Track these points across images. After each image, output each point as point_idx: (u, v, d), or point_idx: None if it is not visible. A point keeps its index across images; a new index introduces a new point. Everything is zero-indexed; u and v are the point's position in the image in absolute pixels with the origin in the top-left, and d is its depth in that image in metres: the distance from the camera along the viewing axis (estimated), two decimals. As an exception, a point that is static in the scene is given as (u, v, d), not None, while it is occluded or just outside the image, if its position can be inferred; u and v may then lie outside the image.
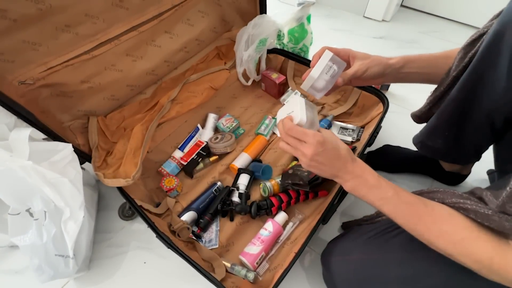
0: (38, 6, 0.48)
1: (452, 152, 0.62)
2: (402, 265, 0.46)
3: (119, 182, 0.59)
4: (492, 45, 0.42)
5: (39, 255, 0.54)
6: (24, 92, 0.53)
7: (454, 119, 0.53)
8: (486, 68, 0.44)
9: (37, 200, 0.53)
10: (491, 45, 0.42)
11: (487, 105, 0.47)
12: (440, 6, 1.41)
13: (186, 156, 0.78)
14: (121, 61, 0.66)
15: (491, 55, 0.43)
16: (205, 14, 0.81)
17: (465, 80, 0.48)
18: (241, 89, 0.97)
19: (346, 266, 0.52)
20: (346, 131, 0.84)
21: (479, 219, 0.36)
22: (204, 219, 0.67)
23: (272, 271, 0.62)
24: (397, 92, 1.05)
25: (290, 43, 0.99)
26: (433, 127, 0.60)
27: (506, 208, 0.34)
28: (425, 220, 0.40)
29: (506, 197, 0.34)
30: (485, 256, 0.35)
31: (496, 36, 0.41)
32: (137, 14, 0.64)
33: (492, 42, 0.42)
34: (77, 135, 0.65)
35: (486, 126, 0.50)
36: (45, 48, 0.52)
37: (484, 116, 0.48)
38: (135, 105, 0.75)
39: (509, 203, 0.34)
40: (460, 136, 0.55)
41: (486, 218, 0.36)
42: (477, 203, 0.38)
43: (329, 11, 1.49)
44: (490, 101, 0.46)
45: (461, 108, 0.51)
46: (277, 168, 0.78)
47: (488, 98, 0.46)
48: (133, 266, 0.67)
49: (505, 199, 0.34)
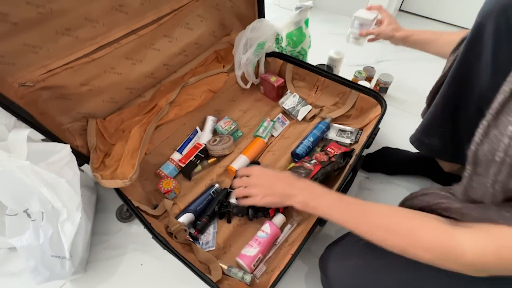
0: (39, 10, 0.49)
1: (449, 149, 0.61)
2: (400, 271, 0.45)
3: (116, 183, 0.59)
4: (475, 37, 0.43)
5: (36, 256, 0.54)
6: (24, 94, 0.53)
7: (447, 114, 0.54)
8: (472, 60, 0.45)
9: (34, 201, 0.53)
10: (474, 37, 0.43)
11: (477, 96, 0.47)
12: (438, 10, 1.42)
13: (184, 158, 0.79)
14: (121, 64, 0.67)
15: (475, 47, 0.44)
16: (204, 19, 0.83)
17: (453, 74, 0.48)
18: (240, 92, 0.97)
19: (344, 271, 0.51)
20: (344, 133, 0.84)
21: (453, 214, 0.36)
22: (202, 221, 0.67)
23: (269, 273, 0.61)
24: (395, 94, 1.05)
25: (289, 46, 1.00)
26: (428, 124, 0.60)
27: (469, 195, 0.35)
28: (372, 218, 0.41)
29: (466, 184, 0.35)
30: (434, 242, 0.35)
31: (478, 28, 0.42)
32: (137, 18, 0.66)
33: (475, 34, 0.43)
34: (76, 137, 0.65)
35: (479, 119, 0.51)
36: (45, 51, 0.53)
37: (476, 108, 0.49)
38: (134, 107, 0.76)
39: (470, 189, 0.34)
40: (455, 131, 0.56)
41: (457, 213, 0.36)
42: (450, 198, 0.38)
43: (328, 16, 1.51)
44: (479, 92, 0.46)
45: (453, 103, 0.51)
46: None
47: (477, 90, 0.46)
48: (130, 268, 0.67)
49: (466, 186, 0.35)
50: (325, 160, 0.73)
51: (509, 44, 0.40)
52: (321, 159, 0.73)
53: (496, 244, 0.32)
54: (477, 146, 0.32)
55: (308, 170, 0.68)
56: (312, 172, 0.67)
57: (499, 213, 0.31)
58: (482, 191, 0.33)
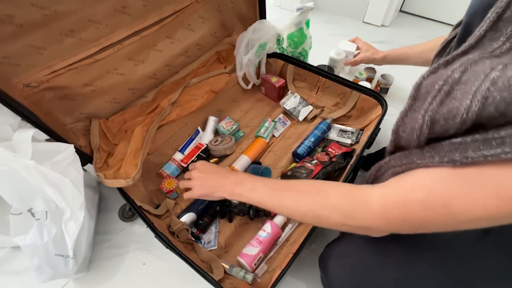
0: (44, 12, 0.50)
1: None
2: (399, 268, 0.46)
3: (119, 183, 0.60)
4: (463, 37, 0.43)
5: (40, 255, 0.55)
6: (29, 95, 0.54)
7: None
8: None
9: (39, 200, 0.54)
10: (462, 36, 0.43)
11: None
12: (438, 11, 1.43)
13: (186, 158, 0.79)
14: (123, 65, 0.68)
15: None
16: (206, 20, 0.83)
17: None
18: (241, 93, 0.98)
19: (343, 269, 0.51)
20: (345, 133, 0.84)
21: (384, 177, 0.37)
22: (203, 221, 0.67)
23: (271, 272, 0.61)
24: (396, 95, 1.05)
25: (290, 47, 1.00)
26: None
27: (399, 134, 0.35)
28: (286, 191, 0.42)
29: (399, 120, 0.35)
30: (341, 197, 0.35)
31: (465, 28, 0.42)
32: (139, 20, 0.66)
33: (463, 34, 0.43)
34: (79, 136, 0.66)
35: None
36: (50, 52, 0.54)
37: None
38: (136, 108, 0.77)
39: (401, 126, 0.34)
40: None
41: (386, 168, 0.36)
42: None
43: (329, 17, 1.51)
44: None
45: None
46: (276, 170, 0.79)
47: None
48: (132, 268, 0.67)
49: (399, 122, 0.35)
50: (326, 160, 0.73)
51: None
52: (322, 159, 0.74)
53: (404, 188, 0.31)
54: (423, 79, 0.32)
55: (309, 170, 0.69)
56: (313, 172, 0.68)
57: (420, 155, 0.31)
58: (411, 126, 0.32)
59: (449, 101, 0.27)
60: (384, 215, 0.32)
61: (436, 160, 0.28)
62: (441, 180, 0.28)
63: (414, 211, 0.29)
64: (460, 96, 0.26)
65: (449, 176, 0.27)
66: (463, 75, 0.27)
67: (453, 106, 0.27)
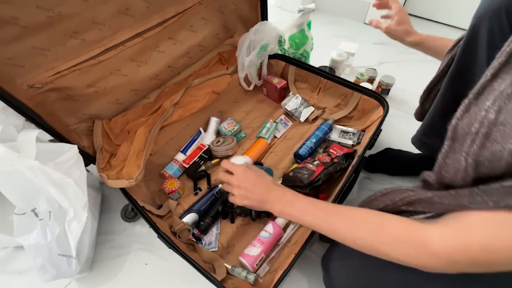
0: (48, 14, 0.50)
1: None
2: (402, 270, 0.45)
3: (122, 183, 0.60)
4: (471, 39, 0.44)
5: (43, 255, 0.55)
6: (33, 96, 0.54)
7: (446, 115, 0.54)
8: (468, 61, 0.46)
9: (42, 200, 0.54)
10: (470, 39, 0.44)
11: None
12: (439, 12, 1.43)
13: (188, 159, 0.80)
14: (126, 66, 0.68)
15: (471, 48, 0.45)
16: (208, 21, 0.84)
17: (451, 75, 0.49)
18: (243, 94, 0.98)
19: (346, 270, 0.51)
20: (346, 134, 0.84)
21: (421, 206, 0.36)
22: (205, 222, 0.67)
23: (273, 273, 0.62)
24: (397, 96, 1.05)
25: (291, 48, 1.01)
26: (428, 125, 0.61)
27: (442, 175, 0.34)
28: (342, 219, 0.42)
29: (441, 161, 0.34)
30: (402, 236, 0.34)
31: (473, 31, 0.42)
32: (142, 21, 0.67)
33: (470, 36, 0.44)
34: (82, 137, 0.66)
35: None
36: (53, 53, 0.55)
37: None
38: (138, 109, 0.77)
39: (444, 167, 0.33)
40: None
41: (428, 202, 0.35)
42: (419, 189, 0.38)
43: (330, 18, 1.52)
44: None
45: (452, 103, 0.52)
46: (278, 171, 0.79)
47: None
48: (135, 268, 0.67)
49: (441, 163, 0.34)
50: (328, 161, 0.73)
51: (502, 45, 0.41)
52: (324, 160, 0.74)
53: (464, 232, 0.31)
54: (457, 121, 0.32)
55: (311, 171, 0.69)
56: (315, 173, 0.68)
57: (470, 198, 0.31)
58: (455, 167, 0.32)
59: (490, 143, 0.28)
60: (445, 258, 0.32)
61: (491, 205, 0.29)
62: (501, 224, 0.28)
63: (477, 255, 0.30)
64: (502, 139, 0.27)
65: (507, 220, 0.28)
66: (499, 115, 0.27)
67: (496, 149, 0.27)
